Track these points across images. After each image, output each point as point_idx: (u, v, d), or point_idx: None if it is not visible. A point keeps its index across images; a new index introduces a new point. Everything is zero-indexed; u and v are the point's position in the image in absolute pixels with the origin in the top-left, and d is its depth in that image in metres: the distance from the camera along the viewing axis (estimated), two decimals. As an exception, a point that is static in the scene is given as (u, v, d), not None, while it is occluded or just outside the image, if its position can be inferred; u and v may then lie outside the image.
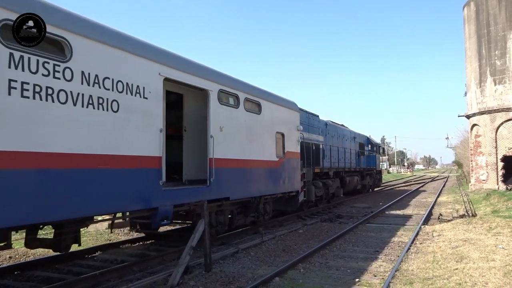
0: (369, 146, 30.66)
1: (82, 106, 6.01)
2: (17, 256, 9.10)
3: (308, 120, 17.61)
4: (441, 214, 15.47)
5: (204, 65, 9.55)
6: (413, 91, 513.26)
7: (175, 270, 6.96)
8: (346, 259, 8.86)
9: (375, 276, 7.54)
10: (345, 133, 24.62)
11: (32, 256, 9.06)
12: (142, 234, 11.03)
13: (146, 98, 7.24)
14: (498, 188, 25.57)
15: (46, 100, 5.49)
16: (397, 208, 19.28)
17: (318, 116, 19.48)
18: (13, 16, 5.14)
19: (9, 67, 5.05)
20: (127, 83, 6.85)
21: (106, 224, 11.55)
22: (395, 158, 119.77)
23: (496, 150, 26.32)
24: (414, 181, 54.50)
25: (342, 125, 25.53)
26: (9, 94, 5.04)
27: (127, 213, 7.85)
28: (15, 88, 5.10)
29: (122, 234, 11.62)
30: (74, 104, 5.88)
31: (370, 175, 29.96)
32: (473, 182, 29.28)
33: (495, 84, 26.38)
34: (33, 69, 5.34)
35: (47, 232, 9.11)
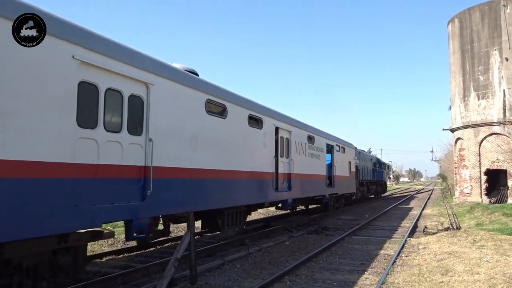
0: (379, 164, 43.01)
1: (314, 158, 17.46)
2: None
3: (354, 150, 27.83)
4: (426, 227, 15.58)
5: (332, 134, 21.50)
6: (399, 105, 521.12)
7: (160, 282, 6.83)
8: (333, 271, 8.83)
9: (362, 289, 7.52)
10: (367, 157, 36.78)
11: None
12: (127, 245, 10.91)
13: (323, 152, 18.91)
14: (482, 201, 25.92)
15: (310, 157, 16.95)
16: (382, 221, 19.37)
17: (356, 147, 29.32)
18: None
19: (308, 148, 16.81)
20: (320, 147, 18.38)
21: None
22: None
23: (480, 164, 26.73)
24: (399, 193, 54.99)
25: (364, 150, 37.47)
26: (308, 156, 16.80)
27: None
28: (308, 155, 16.82)
29: (106, 245, 11.40)
30: (310, 157, 16.94)
31: (380, 185, 43.41)
32: (457, 195, 29.64)
33: (478, 99, 26.92)
34: (305, 148, 16.50)
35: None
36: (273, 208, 18.34)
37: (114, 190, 6.63)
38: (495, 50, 26.03)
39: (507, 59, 25.39)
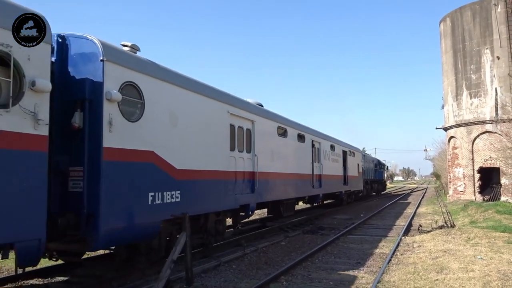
0: (379, 165, 48.15)
1: (335, 162, 22.60)
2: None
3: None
4: (420, 225, 15.65)
5: (345, 142, 26.72)
6: (392, 104, 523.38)
7: (156, 284, 6.81)
8: (329, 271, 8.85)
9: (358, 288, 7.54)
10: (369, 158, 42.11)
11: (6, 272, 8.74)
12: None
13: (340, 157, 23.99)
14: (475, 199, 26.11)
15: (332, 161, 22.10)
16: (377, 220, 19.44)
17: (362, 151, 35.80)
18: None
19: (331, 155, 21.85)
20: (338, 153, 23.44)
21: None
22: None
23: (473, 162, 26.92)
24: (394, 192, 55.23)
25: (366, 153, 45.89)
26: (331, 161, 21.93)
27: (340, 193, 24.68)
28: (331, 160, 21.91)
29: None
30: (332, 161, 22.03)
31: (380, 183, 48.62)
32: (451, 193, 29.82)
33: (470, 98, 27.11)
34: (329, 155, 21.53)
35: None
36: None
37: (241, 185, 11.34)
38: (487, 48, 26.24)
39: (498, 58, 25.59)
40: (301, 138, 16.80)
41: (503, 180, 25.15)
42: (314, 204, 23.85)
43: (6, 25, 5.11)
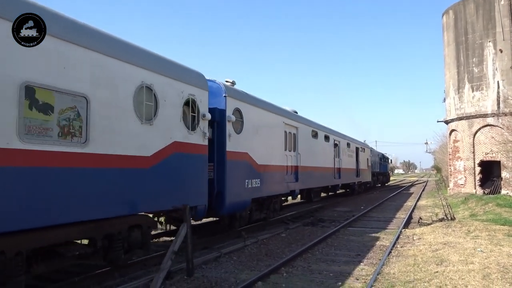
0: (384, 158, 52.24)
1: (350, 157, 26.52)
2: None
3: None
4: (421, 218, 15.68)
5: (358, 140, 31.84)
6: (393, 96, 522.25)
7: (157, 275, 6.85)
8: (329, 262, 8.89)
9: (358, 279, 7.58)
10: (375, 153, 45.23)
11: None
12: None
13: (354, 152, 27.91)
14: (476, 192, 26.11)
15: (348, 157, 25.91)
16: (378, 212, 19.48)
17: (369, 147, 38.87)
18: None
19: (347, 151, 25.92)
20: (352, 150, 27.37)
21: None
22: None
23: (474, 155, 26.87)
24: (395, 185, 55.33)
25: (373, 148, 45.67)
26: (347, 156, 25.80)
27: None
28: (347, 155, 25.72)
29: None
30: (348, 157, 25.89)
31: (385, 176, 52.79)
32: (451, 187, 29.83)
33: (472, 91, 26.99)
34: (346, 151, 25.40)
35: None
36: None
37: (290, 176, 14.99)
38: (489, 41, 26.05)
39: (501, 51, 25.43)
40: (327, 138, 20.77)
41: (504, 174, 25.13)
42: (329, 194, 27.77)
43: (193, 82, 8.96)
